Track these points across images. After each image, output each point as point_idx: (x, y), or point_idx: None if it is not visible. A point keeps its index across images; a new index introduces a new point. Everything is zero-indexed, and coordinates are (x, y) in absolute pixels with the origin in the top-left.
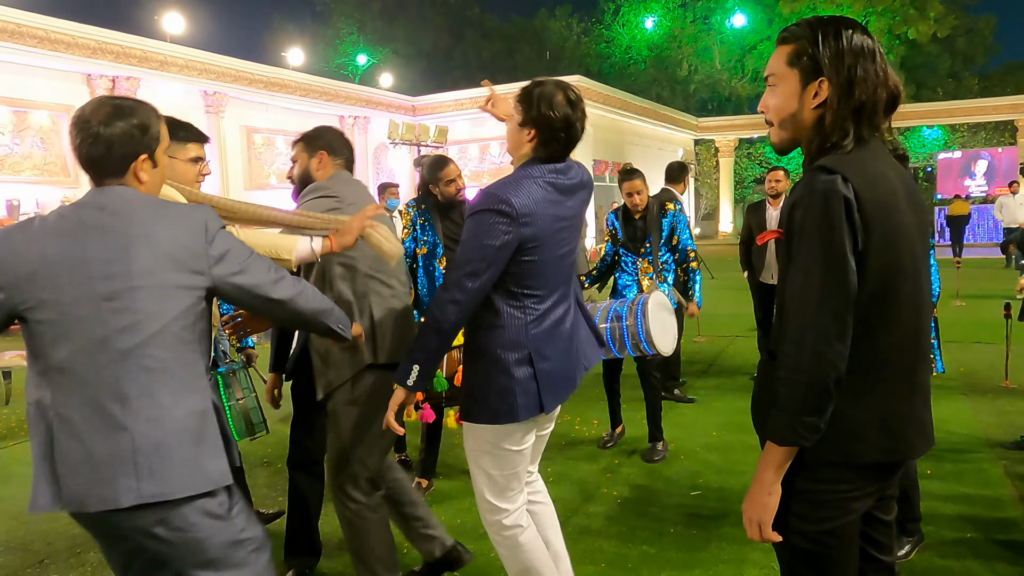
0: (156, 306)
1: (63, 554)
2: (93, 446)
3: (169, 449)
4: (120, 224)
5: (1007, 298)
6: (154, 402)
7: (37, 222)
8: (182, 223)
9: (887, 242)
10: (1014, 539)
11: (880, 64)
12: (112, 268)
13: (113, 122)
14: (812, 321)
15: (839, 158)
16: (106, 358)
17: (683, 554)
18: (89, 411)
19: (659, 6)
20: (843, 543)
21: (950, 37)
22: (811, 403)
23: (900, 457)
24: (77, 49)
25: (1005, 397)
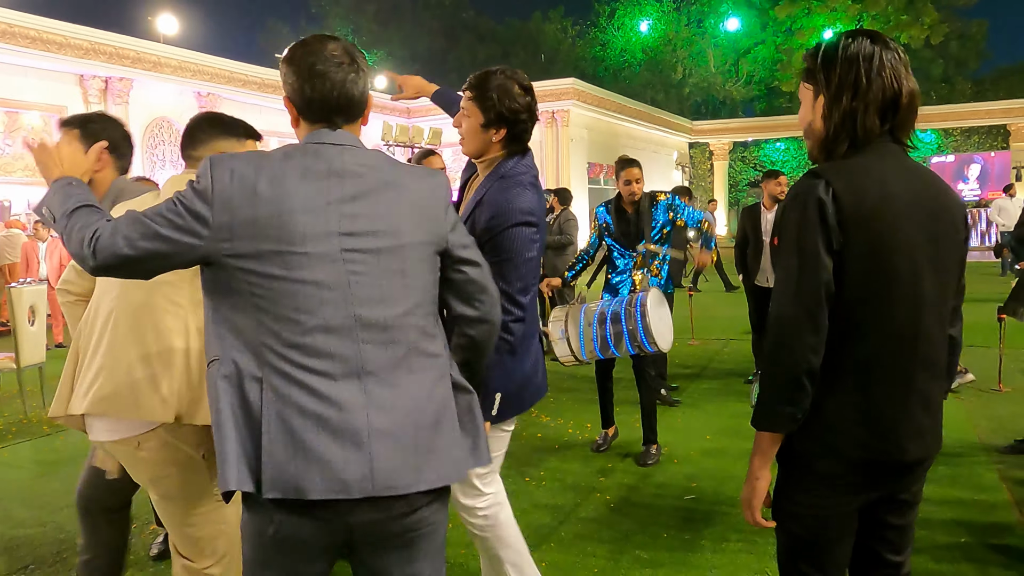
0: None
1: (48, 559)
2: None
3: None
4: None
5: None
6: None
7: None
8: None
9: (873, 245)
10: (1008, 543)
11: (885, 65)
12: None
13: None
14: (786, 315)
15: (833, 164)
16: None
17: (676, 559)
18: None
19: (654, 9)
20: (831, 532)
21: (943, 42)
22: (783, 393)
23: (887, 457)
24: (70, 50)
25: (999, 401)
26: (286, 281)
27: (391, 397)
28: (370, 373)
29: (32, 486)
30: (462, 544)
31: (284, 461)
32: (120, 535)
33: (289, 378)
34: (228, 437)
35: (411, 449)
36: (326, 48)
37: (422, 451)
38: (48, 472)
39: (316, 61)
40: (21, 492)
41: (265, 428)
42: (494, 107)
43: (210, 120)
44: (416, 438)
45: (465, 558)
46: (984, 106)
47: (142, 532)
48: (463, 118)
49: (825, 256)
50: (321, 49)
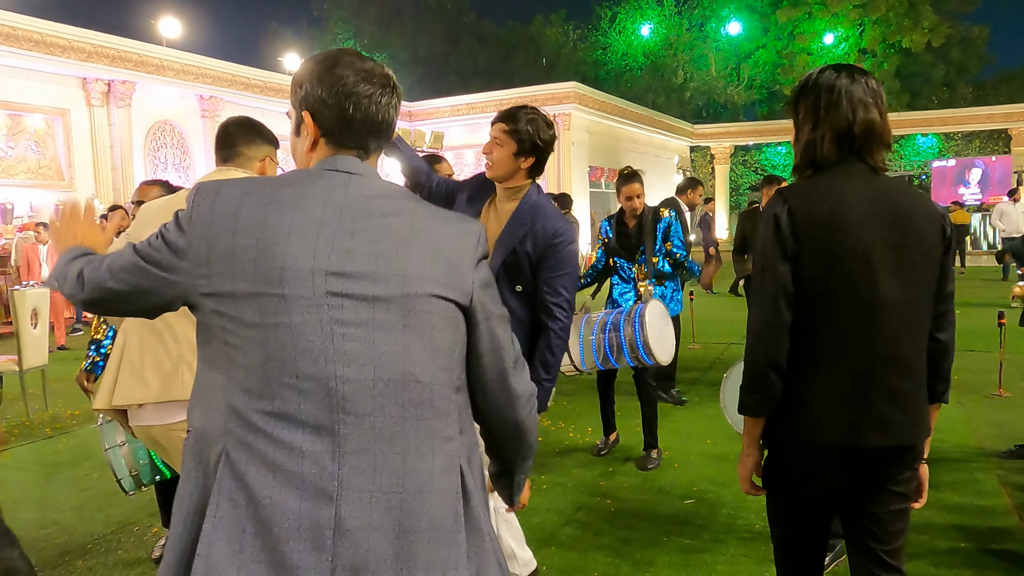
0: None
1: (52, 561)
2: None
3: None
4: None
5: (1001, 307)
6: None
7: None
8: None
9: (825, 251)
10: (1008, 549)
11: (843, 97)
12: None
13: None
14: (753, 316)
15: (797, 183)
16: None
17: (676, 562)
18: None
19: (655, 13)
20: (807, 510)
21: (944, 47)
22: (753, 382)
23: (849, 443)
24: (73, 53)
25: (999, 406)
26: (259, 328)
27: (371, 486)
28: (348, 453)
29: (34, 488)
30: None
31: (222, 568)
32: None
33: (251, 450)
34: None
35: (390, 557)
36: (364, 67)
37: (404, 558)
38: (50, 474)
39: (357, 82)
40: (24, 494)
41: (210, 513)
42: (530, 138)
43: (243, 124)
44: (398, 544)
45: None
46: (985, 110)
47: (144, 535)
48: (495, 146)
49: (781, 263)
50: (360, 68)
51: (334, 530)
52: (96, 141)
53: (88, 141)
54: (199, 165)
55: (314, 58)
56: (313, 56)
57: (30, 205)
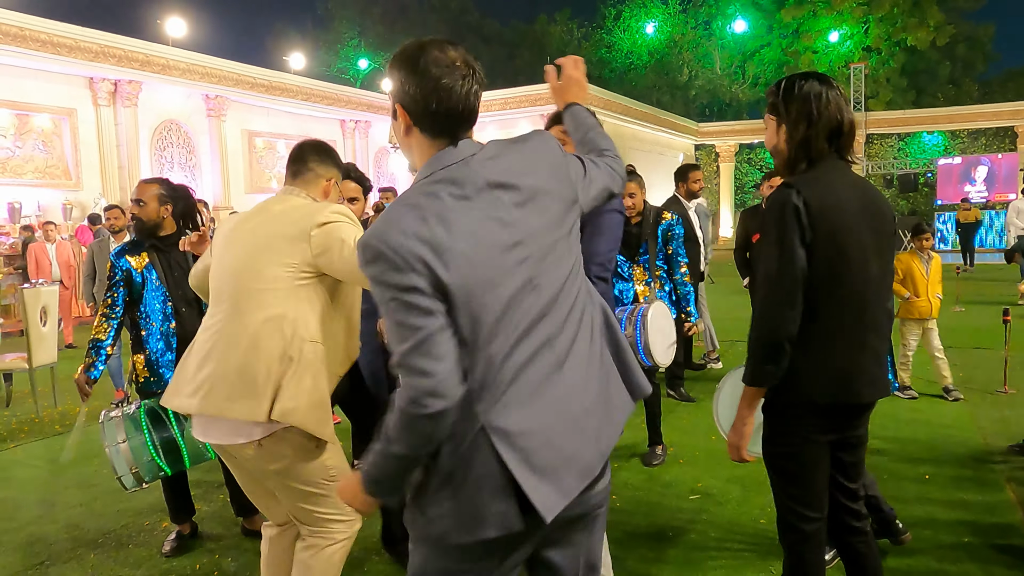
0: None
1: (64, 555)
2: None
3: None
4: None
5: (1007, 304)
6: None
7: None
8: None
9: (832, 237)
10: (1012, 544)
11: (830, 100)
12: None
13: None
14: (771, 295)
15: (800, 176)
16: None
17: (681, 558)
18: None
19: (660, 11)
20: (807, 464)
21: (950, 44)
22: (768, 355)
23: (847, 401)
24: (80, 53)
25: (1004, 402)
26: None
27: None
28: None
29: (45, 484)
30: None
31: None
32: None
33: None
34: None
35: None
36: (448, 57)
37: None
38: (60, 470)
39: (443, 74)
40: (35, 490)
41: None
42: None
43: (318, 145)
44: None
45: None
46: (991, 108)
47: (155, 530)
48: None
49: (800, 247)
50: (443, 59)
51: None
52: (103, 141)
53: (95, 141)
54: (205, 164)
55: (404, 49)
56: (403, 46)
57: (37, 204)
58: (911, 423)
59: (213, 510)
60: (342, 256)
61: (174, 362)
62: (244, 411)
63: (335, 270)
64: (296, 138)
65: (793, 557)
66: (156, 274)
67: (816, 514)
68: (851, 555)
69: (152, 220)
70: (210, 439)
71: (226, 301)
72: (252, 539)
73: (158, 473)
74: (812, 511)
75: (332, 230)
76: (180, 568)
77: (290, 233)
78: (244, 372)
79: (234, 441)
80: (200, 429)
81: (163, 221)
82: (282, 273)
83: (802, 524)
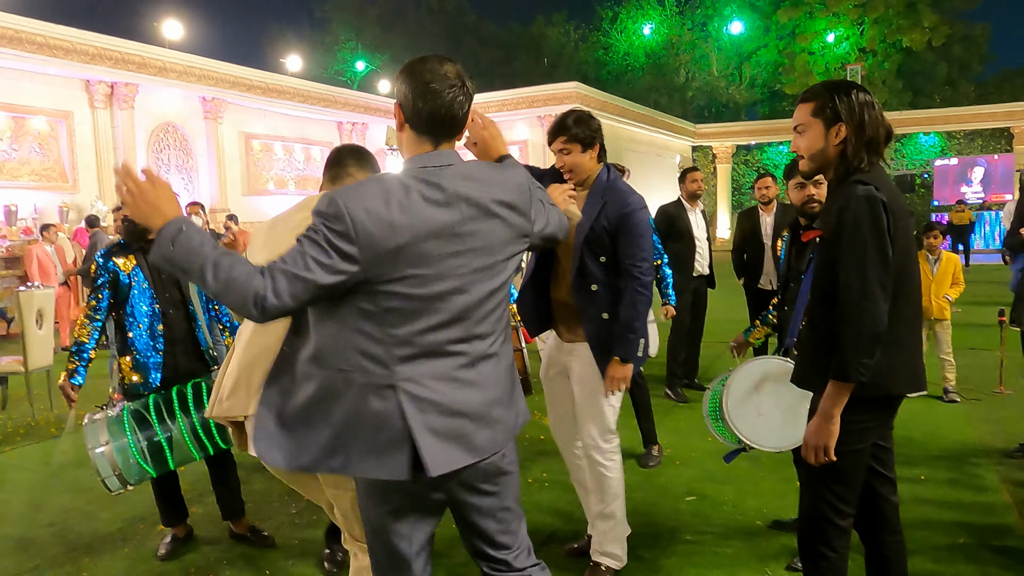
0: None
1: (58, 559)
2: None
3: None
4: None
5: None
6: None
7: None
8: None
9: (903, 233)
10: (1007, 545)
11: (879, 111)
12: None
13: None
14: (866, 287)
15: (867, 176)
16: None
17: (678, 559)
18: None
19: (657, 13)
20: (859, 461)
21: (947, 45)
22: (866, 348)
23: (917, 390)
24: (76, 55)
25: (999, 403)
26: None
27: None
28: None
29: (39, 487)
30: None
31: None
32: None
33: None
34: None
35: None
36: (442, 69)
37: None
38: (56, 474)
39: (432, 80)
40: (30, 493)
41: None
42: (585, 134)
43: (355, 149)
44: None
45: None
46: (987, 109)
47: (150, 532)
48: (564, 157)
49: (888, 246)
50: (438, 69)
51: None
52: (99, 143)
53: (91, 143)
54: (202, 167)
55: (410, 60)
56: (411, 58)
57: (34, 207)
58: (906, 424)
59: (207, 513)
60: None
61: (161, 364)
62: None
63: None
64: (293, 140)
65: (822, 552)
66: (144, 276)
67: (854, 509)
68: (884, 555)
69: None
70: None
71: None
72: (245, 543)
73: (143, 475)
74: (851, 506)
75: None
76: (174, 571)
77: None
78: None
79: None
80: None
81: None
82: None
83: (841, 521)
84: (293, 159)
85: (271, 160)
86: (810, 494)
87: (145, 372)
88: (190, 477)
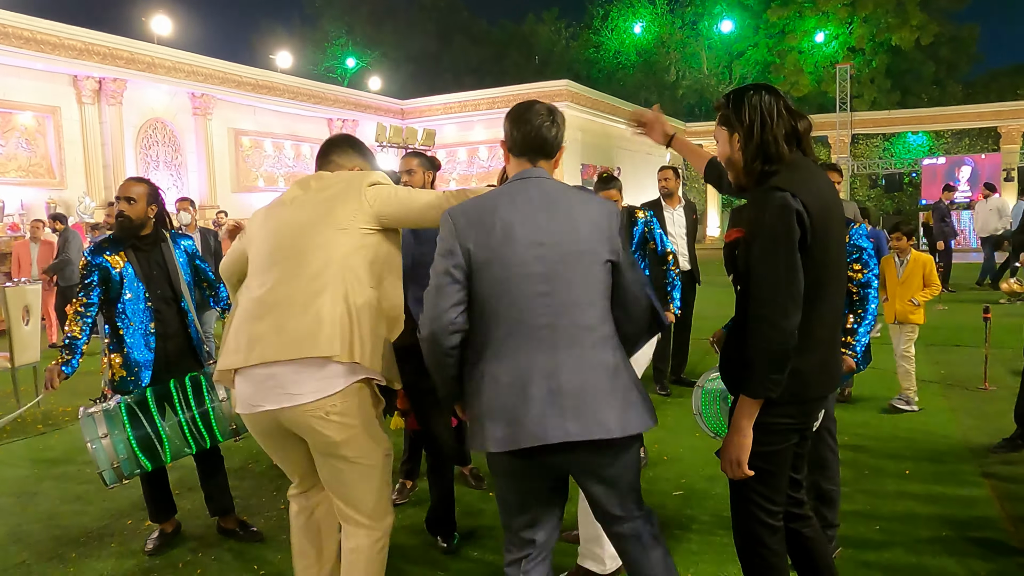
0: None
1: (45, 554)
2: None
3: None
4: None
5: (987, 302)
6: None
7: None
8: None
9: (822, 240)
10: (989, 537)
11: (776, 109)
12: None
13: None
14: (775, 301)
15: (786, 179)
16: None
17: None
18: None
19: (647, 11)
20: (781, 462)
21: (934, 45)
22: (777, 364)
23: (828, 391)
24: (63, 50)
25: (984, 399)
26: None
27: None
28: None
29: (27, 484)
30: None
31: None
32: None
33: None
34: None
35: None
36: (534, 107)
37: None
38: (43, 470)
39: (523, 112)
40: (16, 490)
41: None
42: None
43: (342, 138)
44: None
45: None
46: (975, 108)
47: (137, 528)
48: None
49: (798, 253)
50: (530, 106)
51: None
52: (87, 139)
53: (79, 139)
54: (191, 164)
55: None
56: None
57: (21, 203)
58: (892, 419)
59: (195, 508)
60: (398, 198)
61: (152, 362)
62: (324, 348)
63: (391, 213)
64: (283, 137)
65: (759, 553)
66: (135, 273)
67: (781, 508)
68: (799, 540)
69: (140, 219)
70: (267, 403)
71: (278, 266)
72: (234, 538)
73: (136, 469)
74: (777, 505)
75: (382, 187)
76: (162, 567)
77: (342, 194)
78: (311, 321)
79: (305, 400)
80: (259, 394)
81: (148, 221)
82: (340, 234)
83: (772, 520)
84: (283, 156)
85: (261, 157)
86: (738, 498)
87: (136, 369)
88: (178, 473)
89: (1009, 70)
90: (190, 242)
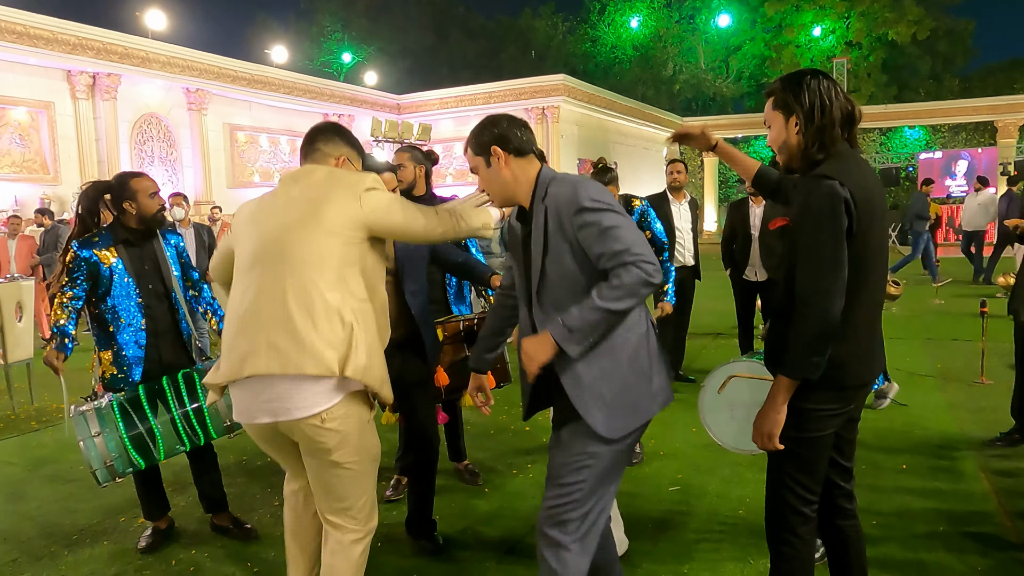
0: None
1: (37, 552)
2: None
3: None
4: None
5: (984, 295)
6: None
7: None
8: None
9: (866, 230)
10: (985, 531)
11: (835, 95)
12: None
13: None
14: (820, 285)
15: (833, 167)
16: None
17: (660, 548)
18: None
19: (644, 6)
20: (820, 449)
21: (931, 39)
22: (819, 347)
23: (867, 381)
24: (57, 45)
25: (981, 393)
26: None
27: None
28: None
29: (20, 481)
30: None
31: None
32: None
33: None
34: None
35: None
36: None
37: None
38: (35, 467)
39: (512, 117)
40: (9, 487)
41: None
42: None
43: (328, 126)
44: None
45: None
46: (971, 102)
47: (130, 526)
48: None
49: (844, 241)
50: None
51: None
52: (81, 134)
53: (73, 134)
54: (186, 159)
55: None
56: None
57: (15, 198)
58: (889, 413)
59: (189, 505)
60: (402, 216)
61: (142, 359)
62: (320, 366)
63: (386, 226)
64: (279, 132)
65: (788, 540)
66: (126, 270)
67: (815, 498)
68: (840, 540)
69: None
70: (264, 417)
71: (266, 267)
72: (228, 536)
73: (129, 468)
74: (814, 494)
75: (380, 195)
76: (155, 564)
77: (333, 195)
78: (302, 330)
79: (301, 415)
80: (256, 406)
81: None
82: (329, 238)
83: (806, 508)
84: (279, 151)
85: (256, 152)
86: (773, 482)
87: (127, 367)
88: (171, 470)
89: (1005, 64)
90: (179, 239)
